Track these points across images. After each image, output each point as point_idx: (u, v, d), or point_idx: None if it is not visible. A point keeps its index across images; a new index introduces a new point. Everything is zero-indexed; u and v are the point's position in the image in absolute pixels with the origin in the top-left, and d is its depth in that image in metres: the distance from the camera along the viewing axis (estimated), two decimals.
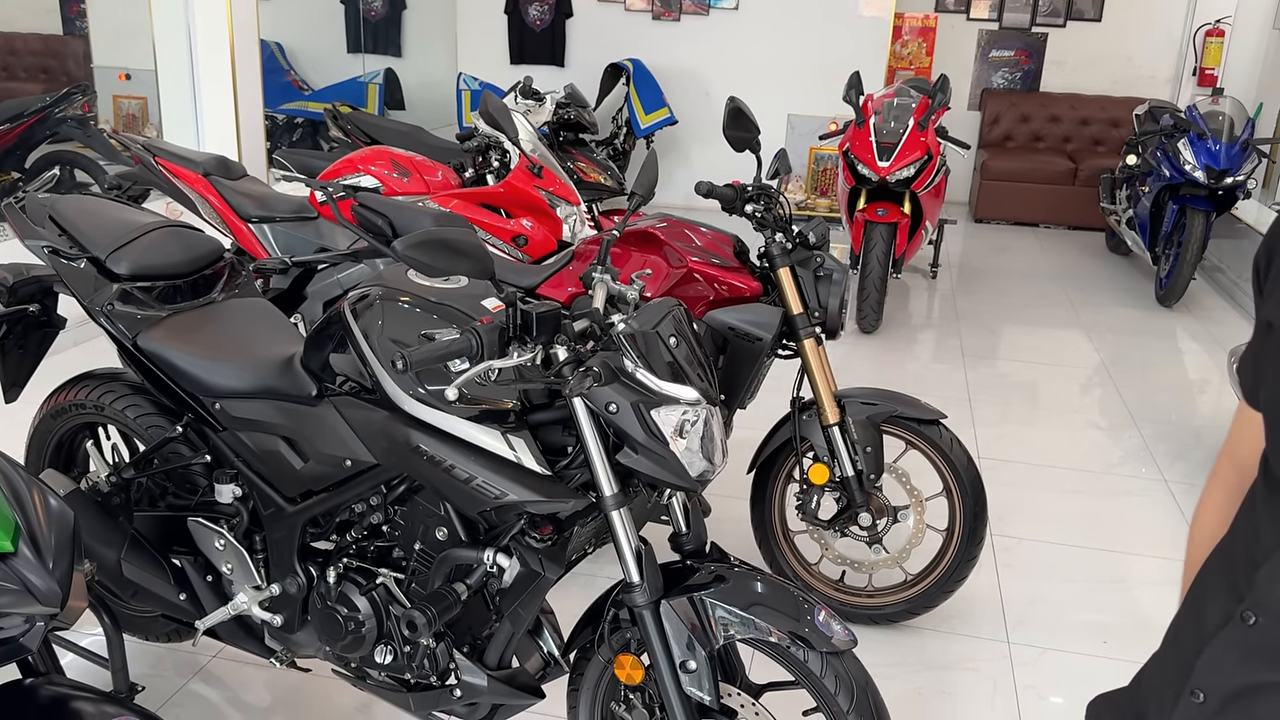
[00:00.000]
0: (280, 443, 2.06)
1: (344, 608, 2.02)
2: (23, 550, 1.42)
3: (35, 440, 2.56)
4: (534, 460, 1.80)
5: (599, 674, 1.98)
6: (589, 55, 8.22)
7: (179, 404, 2.20)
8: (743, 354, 2.71)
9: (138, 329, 2.20)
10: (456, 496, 1.85)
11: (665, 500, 1.96)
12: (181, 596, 2.24)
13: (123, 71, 6.57)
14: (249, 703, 2.57)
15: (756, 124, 2.82)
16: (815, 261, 2.79)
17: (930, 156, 5.34)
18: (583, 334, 1.78)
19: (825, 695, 1.79)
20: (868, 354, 5.24)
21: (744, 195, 2.80)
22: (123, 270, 2.24)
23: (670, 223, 2.89)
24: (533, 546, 1.86)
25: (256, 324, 2.28)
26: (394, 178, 3.75)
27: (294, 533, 2.10)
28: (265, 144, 5.82)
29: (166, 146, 3.76)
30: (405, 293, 1.91)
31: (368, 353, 1.88)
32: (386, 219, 2.95)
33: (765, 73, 7.91)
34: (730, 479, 2.65)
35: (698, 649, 1.79)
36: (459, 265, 1.63)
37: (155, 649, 2.66)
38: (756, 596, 1.81)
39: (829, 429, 2.76)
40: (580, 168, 5.51)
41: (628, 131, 7.63)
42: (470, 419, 1.81)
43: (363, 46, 8.15)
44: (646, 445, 1.74)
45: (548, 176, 3.75)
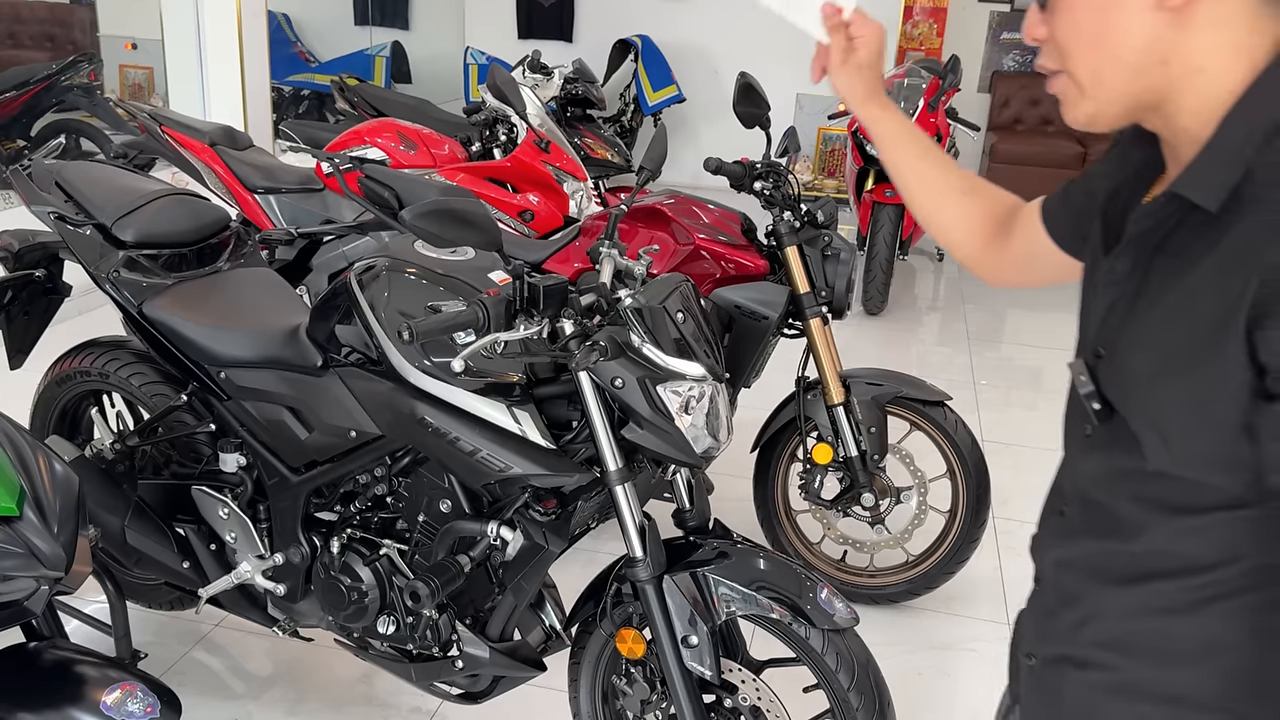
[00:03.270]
0: (285, 413, 2.06)
1: (347, 578, 2.02)
2: (27, 514, 1.43)
3: (40, 407, 2.56)
4: (539, 434, 1.80)
5: (600, 648, 1.98)
6: (597, 31, 8.17)
7: (184, 372, 2.20)
8: (748, 332, 2.71)
9: (143, 296, 2.20)
10: (461, 469, 1.85)
11: (669, 476, 1.96)
12: (185, 565, 2.25)
13: (129, 41, 6.55)
14: (251, 671, 2.58)
15: (767, 100, 2.80)
16: (823, 241, 2.78)
17: (940, 138, 5.31)
18: (589, 308, 1.77)
19: (826, 672, 1.80)
20: (873, 335, 5.23)
21: (753, 172, 2.79)
22: (129, 237, 2.23)
23: (678, 199, 2.87)
24: (536, 520, 1.86)
25: (262, 294, 2.28)
26: (400, 150, 3.74)
27: (298, 502, 2.10)
28: (271, 115, 5.80)
29: (173, 116, 3.74)
30: (412, 264, 1.90)
31: (374, 324, 1.87)
32: (392, 191, 2.95)
33: (774, 51, 7.84)
34: (734, 457, 2.65)
35: (700, 624, 1.80)
36: (467, 236, 1.62)
37: (158, 617, 2.67)
38: (759, 573, 1.82)
39: (833, 409, 2.76)
40: (587, 144, 5.48)
41: (635, 108, 7.59)
42: (476, 392, 1.80)
43: (370, 19, 8.11)
44: (652, 420, 1.74)
45: (555, 151, 3.74)
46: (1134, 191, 1.02)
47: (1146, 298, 0.93)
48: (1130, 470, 0.95)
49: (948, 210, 1.31)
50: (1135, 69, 0.90)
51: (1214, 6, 0.86)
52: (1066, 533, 1.06)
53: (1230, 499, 0.89)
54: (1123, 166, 1.06)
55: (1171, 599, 0.96)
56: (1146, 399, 0.92)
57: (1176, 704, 0.98)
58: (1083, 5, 0.92)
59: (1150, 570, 0.96)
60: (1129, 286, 0.95)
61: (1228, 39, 0.87)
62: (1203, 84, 0.89)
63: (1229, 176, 0.86)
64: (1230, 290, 0.84)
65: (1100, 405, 0.97)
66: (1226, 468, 0.88)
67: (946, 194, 1.31)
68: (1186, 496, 0.92)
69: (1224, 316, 0.84)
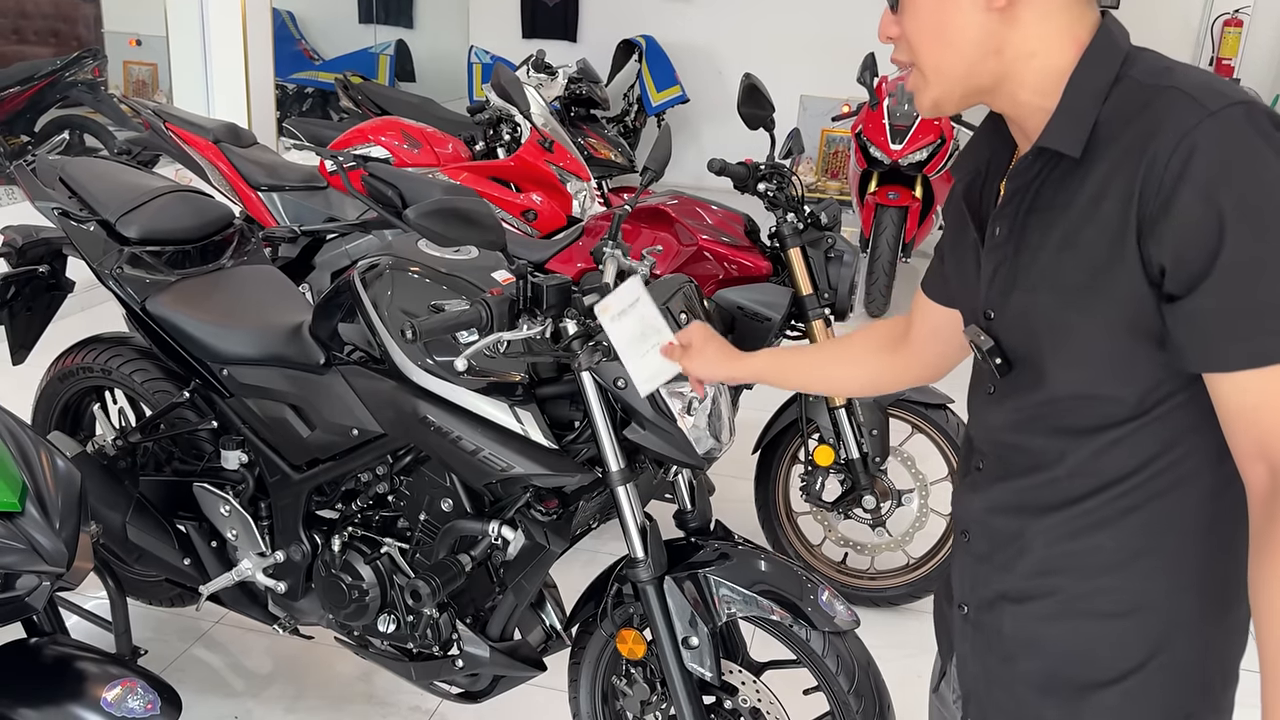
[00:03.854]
0: (287, 410, 2.06)
1: (348, 576, 2.02)
2: (30, 510, 1.43)
3: (42, 402, 2.56)
4: (541, 434, 1.80)
5: (601, 648, 1.98)
6: (602, 31, 8.17)
7: (186, 369, 2.20)
8: (751, 333, 2.71)
9: (146, 293, 2.20)
10: (463, 468, 1.85)
11: (671, 477, 1.96)
12: (186, 561, 2.25)
13: (133, 37, 6.55)
14: (250, 669, 2.58)
15: (771, 102, 2.80)
16: (826, 242, 2.78)
17: (944, 140, 5.31)
18: (592, 308, 1.77)
19: (826, 674, 1.80)
20: None
21: (757, 174, 2.79)
22: (132, 233, 2.23)
23: (681, 200, 2.87)
24: (538, 520, 1.86)
25: (265, 291, 2.28)
26: (404, 149, 3.74)
27: (299, 500, 2.10)
28: (275, 112, 5.80)
29: (177, 113, 3.74)
30: (415, 263, 1.90)
31: (377, 322, 1.87)
32: (396, 190, 2.94)
33: (778, 53, 7.85)
34: (735, 458, 2.64)
35: (700, 626, 1.79)
36: (471, 235, 1.62)
37: (158, 613, 2.67)
38: (760, 575, 1.81)
39: (835, 411, 2.76)
40: (591, 144, 5.48)
41: (639, 108, 7.59)
42: (478, 391, 1.80)
43: (374, 17, 8.11)
44: (654, 421, 1.74)
45: (558, 151, 3.74)
46: (988, 178, 1.17)
47: (1027, 252, 1.05)
48: (1040, 407, 1.07)
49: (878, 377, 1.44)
50: (972, 59, 1.04)
51: (1038, 4, 1.01)
52: (988, 481, 1.16)
53: (1136, 409, 1.01)
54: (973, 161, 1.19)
55: (1097, 515, 1.06)
56: (1054, 332, 1.03)
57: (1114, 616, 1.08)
58: (925, 6, 1.06)
59: (1075, 493, 1.07)
60: (1008, 249, 1.07)
61: (1054, 27, 1.02)
62: (1037, 65, 1.03)
63: (1084, 126, 1.01)
64: (1109, 216, 0.97)
65: (1000, 360, 1.09)
66: (1133, 378, 1.00)
67: (864, 368, 1.44)
68: (1097, 416, 1.03)
69: (1111, 239, 0.97)
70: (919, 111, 1.11)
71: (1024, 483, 1.11)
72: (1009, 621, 1.15)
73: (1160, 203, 0.93)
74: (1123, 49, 1.03)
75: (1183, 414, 1.00)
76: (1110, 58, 1.02)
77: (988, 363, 1.09)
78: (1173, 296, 0.94)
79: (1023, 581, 1.13)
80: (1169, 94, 0.97)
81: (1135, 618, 1.07)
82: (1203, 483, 1.03)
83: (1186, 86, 0.96)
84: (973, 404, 1.20)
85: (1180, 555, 1.05)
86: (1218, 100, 0.94)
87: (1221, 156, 0.92)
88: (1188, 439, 1.01)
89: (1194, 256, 0.92)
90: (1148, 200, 0.94)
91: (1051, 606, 1.11)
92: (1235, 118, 0.93)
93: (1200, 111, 0.93)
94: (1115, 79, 1.01)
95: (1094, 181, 0.99)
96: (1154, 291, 0.96)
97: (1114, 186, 0.97)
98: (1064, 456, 1.06)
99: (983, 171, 1.18)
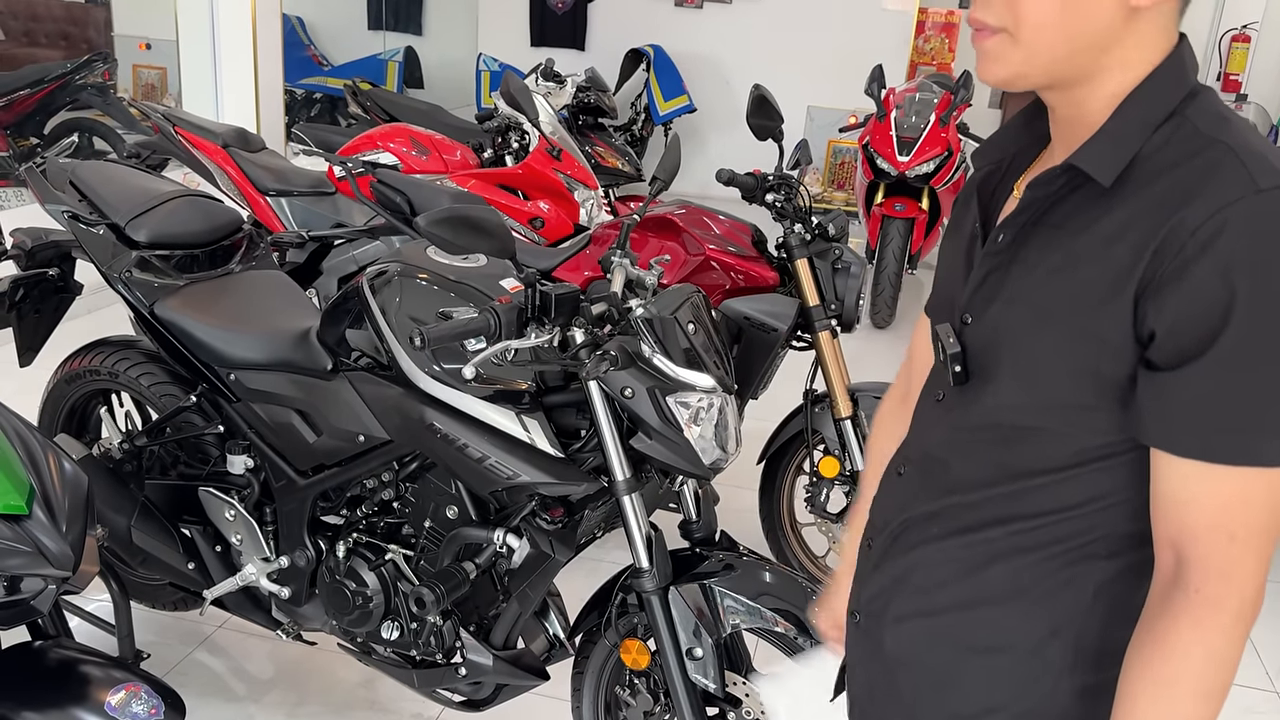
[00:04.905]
0: (294, 415, 2.06)
1: (352, 582, 2.02)
2: (36, 513, 1.43)
3: (49, 405, 2.56)
4: (547, 442, 1.80)
5: (604, 658, 1.98)
6: (610, 40, 8.19)
7: (194, 373, 2.20)
8: (757, 344, 2.70)
9: (155, 297, 2.21)
10: (469, 475, 1.85)
11: (677, 487, 1.96)
12: (190, 566, 2.25)
13: (143, 41, 6.57)
14: (253, 674, 2.58)
15: (780, 113, 2.80)
16: (834, 254, 2.78)
17: (950, 153, 5.31)
18: (600, 317, 1.77)
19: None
20: (880, 348, 5.22)
21: (765, 184, 2.79)
22: (142, 238, 2.24)
23: (689, 210, 2.87)
24: (543, 528, 1.86)
25: (273, 296, 2.29)
26: (413, 155, 3.75)
27: (304, 506, 2.10)
28: (284, 118, 5.82)
29: (186, 117, 3.76)
30: (423, 270, 1.91)
31: (385, 329, 1.88)
32: (405, 196, 2.95)
33: (786, 64, 7.87)
34: (740, 469, 2.64)
35: (704, 636, 1.79)
36: (480, 244, 1.62)
37: (161, 617, 2.67)
38: (765, 586, 1.81)
39: (841, 422, 2.75)
40: (598, 152, 5.49)
41: (646, 118, 7.60)
42: (485, 399, 1.80)
43: (384, 24, 8.14)
44: (661, 431, 1.74)
45: (566, 159, 3.74)
46: (1006, 173, 1.12)
47: (1023, 264, 1.00)
48: (980, 430, 1.03)
49: None
50: (1079, 49, 0.95)
51: (1159, 17, 0.94)
52: (905, 490, 1.13)
53: (1074, 457, 0.97)
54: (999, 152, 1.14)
55: (996, 546, 1.03)
56: (1018, 349, 0.99)
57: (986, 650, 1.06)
58: None
59: (981, 521, 1.04)
60: (1005, 257, 1.02)
61: (1156, 43, 0.95)
62: (1122, 77, 0.96)
63: (1122, 156, 0.94)
64: (1116, 261, 0.91)
65: (960, 368, 1.04)
66: (1082, 425, 0.96)
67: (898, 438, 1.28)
68: (1033, 454, 1.00)
69: (1110, 285, 0.91)
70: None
71: (937, 501, 1.08)
72: (890, 636, 1.13)
73: (1175, 267, 0.88)
74: (1189, 83, 0.96)
75: (1116, 475, 0.97)
76: (1174, 89, 0.95)
77: (948, 368, 1.05)
78: (1154, 365, 0.90)
79: (910, 597, 1.11)
80: (1221, 152, 0.90)
81: (1005, 656, 1.04)
82: (1110, 544, 0.99)
83: (1241, 149, 0.90)
84: (919, 409, 1.17)
85: (1065, 607, 1.01)
86: (1270, 178, 0.87)
87: (1254, 240, 0.86)
88: (1111, 499, 0.98)
89: (1190, 334, 0.88)
90: (1163, 260, 0.88)
91: (932, 627, 1.09)
92: None
93: (1248, 186, 0.87)
94: (1171, 113, 0.94)
95: (1114, 220, 0.93)
96: (1135, 351, 0.91)
97: (1132, 233, 0.91)
98: (986, 485, 1.03)
99: (1004, 165, 1.13)
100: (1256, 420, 0.88)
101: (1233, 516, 0.91)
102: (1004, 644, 1.04)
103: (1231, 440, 0.89)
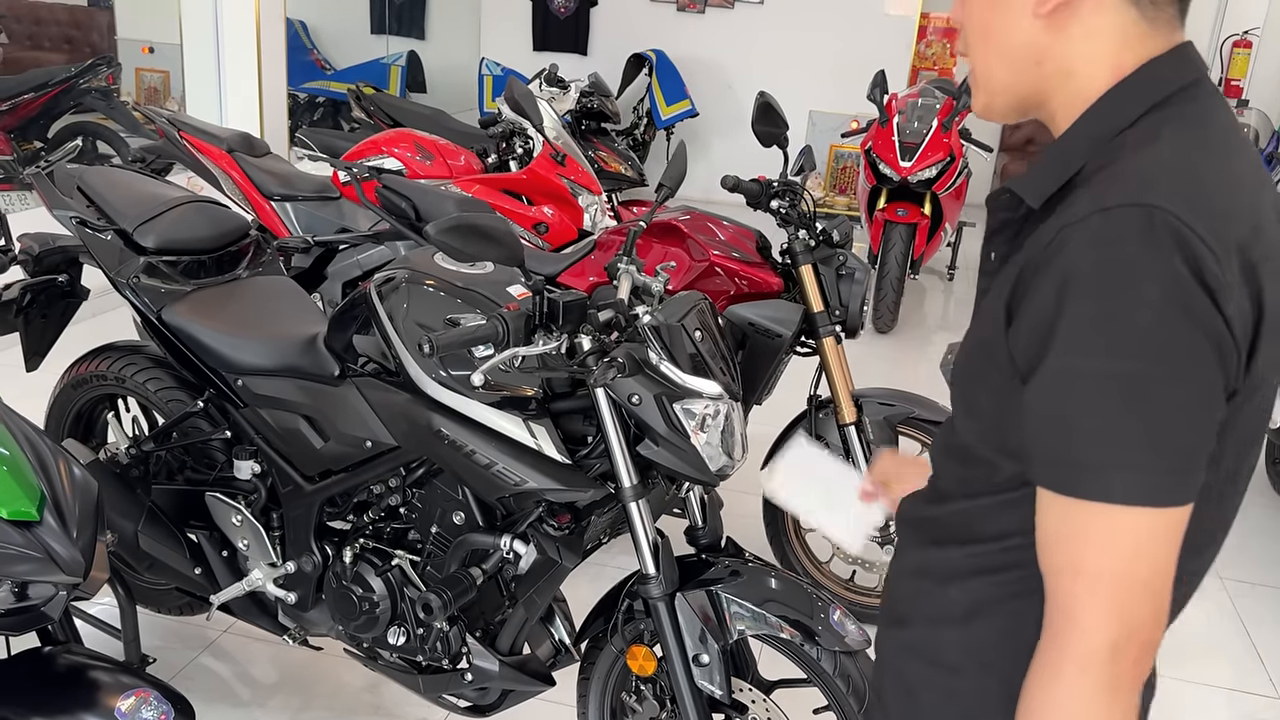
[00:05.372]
0: (301, 421, 2.07)
1: (359, 588, 2.03)
2: (47, 519, 1.43)
3: (55, 410, 2.57)
4: (555, 448, 1.80)
5: (610, 664, 1.98)
6: (612, 44, 8.20)
7: (201, 379, 2.20)
8: (761, 350, 2.71)
9: (163, 302, 2.21)
10: (476, 482, 1.85)
11: (683, 493, 1.96)
12: (197, 571, 2.25)
13: (146, 45, 6.59)
14: (257, 679, 2.58)
15: (785, 119, 2.81)
16: (838, 260, 2.78)
17: (953, 158, 5.32)
18: (607, 324, 1.78)
19: (837, 694, 1.79)
20: (882, 354, 5.23)
21: (770, 191, 2.79)
22: (149, 243, 2.25)
23: (693, 215, 2.88)
24: (550, 534, 1.86)
25: (281, 302, 2.29)
26: (417, 160, 3.76)
27: (311, 511, 2.10)
28: (287, 122, 5.82)
29: (191, 121, 3.77)
30: (430, 276, 1.91)
31: (392, 335, 1.88)
32: (410, 202, 2.96)
33: (788, 68, 7.88)
34: (744, 474, 2.64)
35: (711, 643, 1.79)
36: (489, 252, 1.63)
37: (165, 622, 2.67)
38: (771, 593, 1.81)
39: (845, 428, 2.76)
40: (601, 157, 5.50)
41: (648, 122, 7.61)
42: (492, 405, 1.81)
43: (386, 28, 8.15)
44: (668, 438, 1.74)
45: (570, 165, 3.75)
46: None
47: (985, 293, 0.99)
48: (950, 448, 1.04)
49: None
50: (1014, 66, 0.95)
51: (1089, 19, 0.90)
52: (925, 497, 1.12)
53: (1009, 482, 0.95)
54: None
55: (955, 564, 1.02)
56: (963, 379, 1.00)
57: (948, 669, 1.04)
58: (977, 2, 0.97)
59: (947, 536, 1.04)
60: (984, 282, 1.01)
61: (1099, 50, 0.91)
62: (1071, 87, 0.93)
63: (1055, 175, 0.92)
64: (1009, 281, 0.90)
65: None
66: (1010, 452, 0.93)
67: None
68: (979, 474, 0.98)
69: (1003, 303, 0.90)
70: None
71: (927, 510, 1.08)
72: (885, 643, 1.14)
73: (1027, 282, 0.86)
74: (1157, 95, 0.90)
75: None
76: (1134, 102, 0.90)
77: None
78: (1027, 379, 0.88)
79: (896, 605, 1.12)
80: (1109, 171, 0.87)
81: (957, 679, 1.03)
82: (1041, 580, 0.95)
83: (1122, 168, 0.86)
84: None
85: (1007, 639, 0.98)
86: (1120, 196, 0.83)
87: (1086, 257, 0.82)
88: None
89: (1028, 352, 0.86)
90: (1024, 276, 0.87)
91: (905, 639, 1.10)
92: (1127, 220, 0.81)
93: (1094, 204, 0.84)
94: (1127, 125, 0.90)
95: None
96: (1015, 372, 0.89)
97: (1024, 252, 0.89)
98: (949, 499, 1.03)
99: None
100: (1083, 450, 0.83)
101: (1077, 552, 0.84)
102: (955, 665, 1.03)
103: (1065, 471, 0.84)
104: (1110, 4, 0.90)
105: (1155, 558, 0.83)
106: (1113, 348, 0.81)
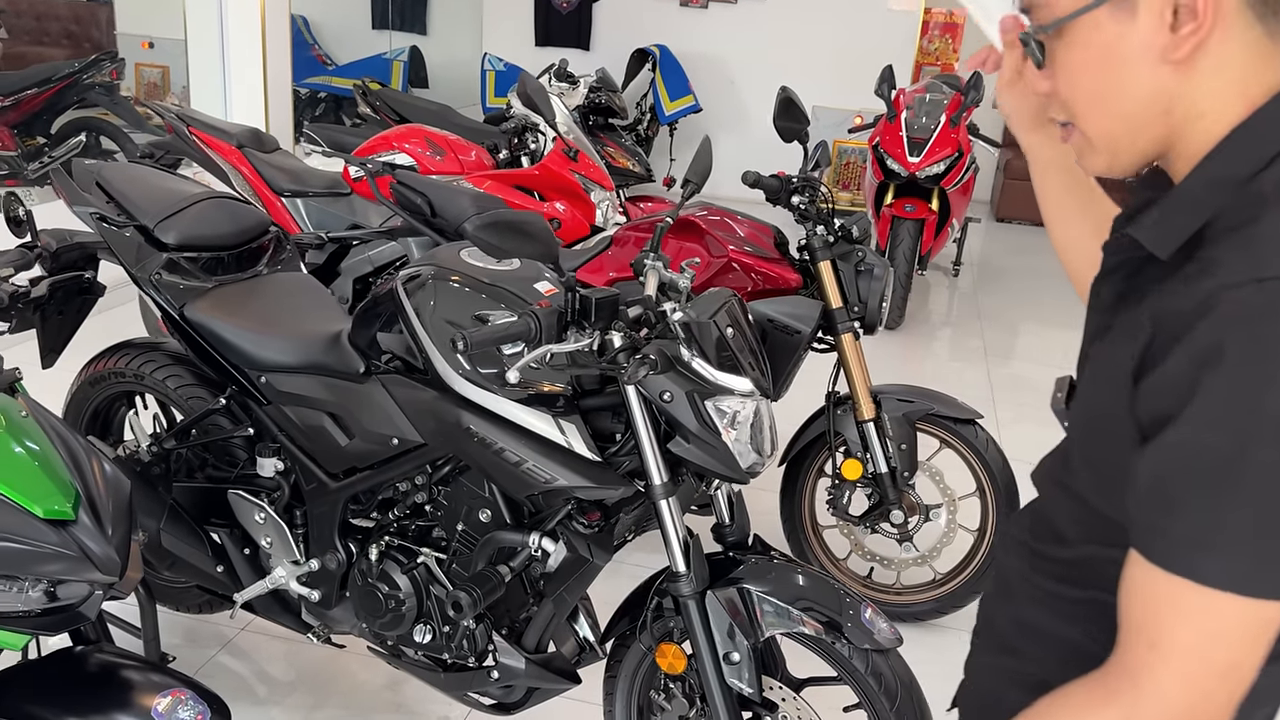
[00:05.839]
0: (325, 419, 2.05)
1: (385, 585, 2.02)
2: (82, 518, 1.42)
3: (72, 407, 2.55)
4: (584, 446, 1.79)
5: (638, 662, 1.97)
6: (615, 39, 8.18)
7: (223, 376, 2.19)
8: (780, 347, 2.69)
9: (184, 299, 2.20)
10: (505, 479, 1.84)
11: (711, 491, 1.95)
12: (219, 569, 2.24)
13: (146, 39, 6.56)
14: (276, 676, 2.57)
15: (806, 115, 2.80)
16: (856, 256, 2.78)
17: (961, 154, 5.31)
18: (636, 321, 1.77)
19: (868, 692, 1.79)
20: (891, 350, 5.22)
21: (789, 186, 2.79)
22: (170, 240, 2.23)
23: (712, 211, 2.87)
24: (580, 532, 1.85)
25: (302, 299, 2.28)
26: (429, 156, 3.74)
27: (335, 509, 2.09)
28: (293, 117, 5.80)
29: (200, 117, 3.74)
30: (457, 272, 1.90)
31: (420, 331, 1.87)
32: (424, 197, 2.94)
33: (791, 64, 7.86)
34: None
35: (741, 640, 1.79)
36: (526, 248, 1.62)
37: (183, 620, 2.66)
38: (801, 590, 1.81)
39: (864, 424, 2.75)
40: (609, 153, 5.49)
41: (652, 118, 7.59)
42: (521, 402, 1.80)
43: (388, 23, 8.12)
44: (699, 435, 1.73)
45: (582, 160, 3.74)
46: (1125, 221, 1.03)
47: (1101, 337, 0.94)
48: (1067, 486, 0.99)
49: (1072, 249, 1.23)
50: (1141, 123, 0.88)
51: (1216, 50, 0.84)
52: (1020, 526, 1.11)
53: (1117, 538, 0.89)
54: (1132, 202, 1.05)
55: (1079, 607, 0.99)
56: (1075, 426, 0.97)
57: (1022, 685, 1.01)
58: (1082, 66, 0.89)
59: (1068, 575, 1.01)
60: (1099, 321, 0.96)
61: (1227, 81, 0.85)
62: (1203, 128, 0.87)
63: (1184, 224, 0.85)
64: (1136, 338, 0.84)
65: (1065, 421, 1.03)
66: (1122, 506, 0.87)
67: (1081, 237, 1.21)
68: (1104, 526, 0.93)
69: (1125, 363, 0.85)
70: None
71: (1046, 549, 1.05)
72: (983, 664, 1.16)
73: (1162, 344, 0.81)
74: None
75: None
76: (1267, 140, 0.84)
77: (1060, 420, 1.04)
78: None
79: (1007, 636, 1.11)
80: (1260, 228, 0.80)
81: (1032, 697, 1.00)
82: None
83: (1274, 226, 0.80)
84: None
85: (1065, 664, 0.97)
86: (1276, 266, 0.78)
87: (1235, 331, 0.77)
88: None
89: (1152, 414, 0.82)
90: (1157, 336, 0.82)
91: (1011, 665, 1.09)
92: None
93: (1250, 271, 0.78)
94: (1262, 167, 0.83)
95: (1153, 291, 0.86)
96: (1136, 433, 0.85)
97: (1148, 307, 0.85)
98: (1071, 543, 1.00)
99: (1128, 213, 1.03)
100: (1188, 526, 0.80)
101: (1159, 620, 0.82)
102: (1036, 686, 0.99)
103: (1163, 542, 0.82)
104: (1236, 25, 0.83)
105: (1236, 647, 0.80)
106: (1246, 431, 0.77)
